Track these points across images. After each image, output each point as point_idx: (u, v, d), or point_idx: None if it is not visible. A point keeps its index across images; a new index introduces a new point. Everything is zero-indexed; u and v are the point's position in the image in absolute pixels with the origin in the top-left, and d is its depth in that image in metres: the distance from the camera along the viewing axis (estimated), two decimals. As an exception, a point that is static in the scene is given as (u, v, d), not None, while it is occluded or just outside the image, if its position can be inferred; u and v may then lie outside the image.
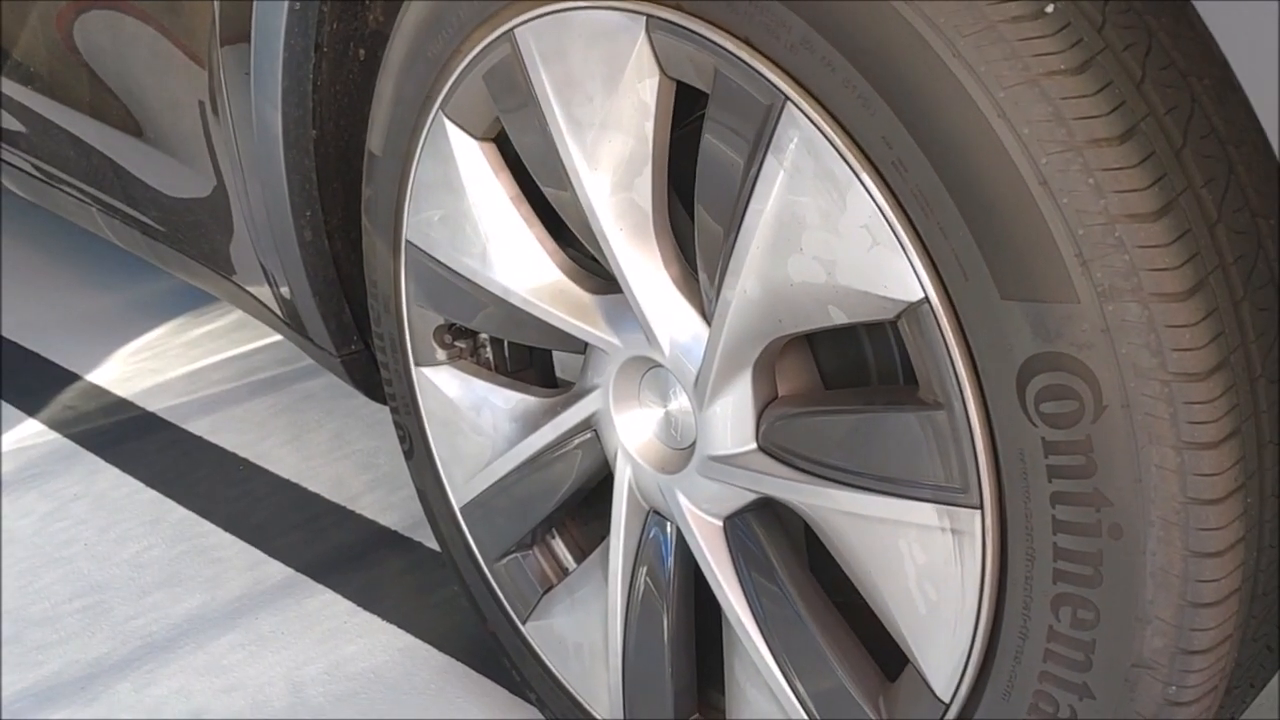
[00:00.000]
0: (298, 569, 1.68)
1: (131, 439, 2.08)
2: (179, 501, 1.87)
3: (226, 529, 1.79)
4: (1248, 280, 0.71)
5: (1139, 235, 0.67)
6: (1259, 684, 0.92)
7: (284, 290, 1.41)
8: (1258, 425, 0.72)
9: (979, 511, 0.77)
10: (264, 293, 1.49)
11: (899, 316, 0.78)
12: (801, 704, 0.96)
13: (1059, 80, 0.69)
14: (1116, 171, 0.68)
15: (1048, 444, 0.72)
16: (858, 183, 0.76)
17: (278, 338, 2.29)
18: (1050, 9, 0.69)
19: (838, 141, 0.77)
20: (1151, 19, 0.71)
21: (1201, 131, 0.71)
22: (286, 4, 1.20)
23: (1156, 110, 0.70)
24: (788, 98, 0.79)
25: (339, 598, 1.61)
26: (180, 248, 1.71)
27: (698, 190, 0.88)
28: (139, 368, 2.34)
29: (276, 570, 1.68)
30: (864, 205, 0.77)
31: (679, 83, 0.91)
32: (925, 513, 0.80)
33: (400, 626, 1.54)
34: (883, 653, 0.93)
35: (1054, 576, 0.75)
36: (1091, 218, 0.68)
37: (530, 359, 1.25)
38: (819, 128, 0.78)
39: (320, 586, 1.64)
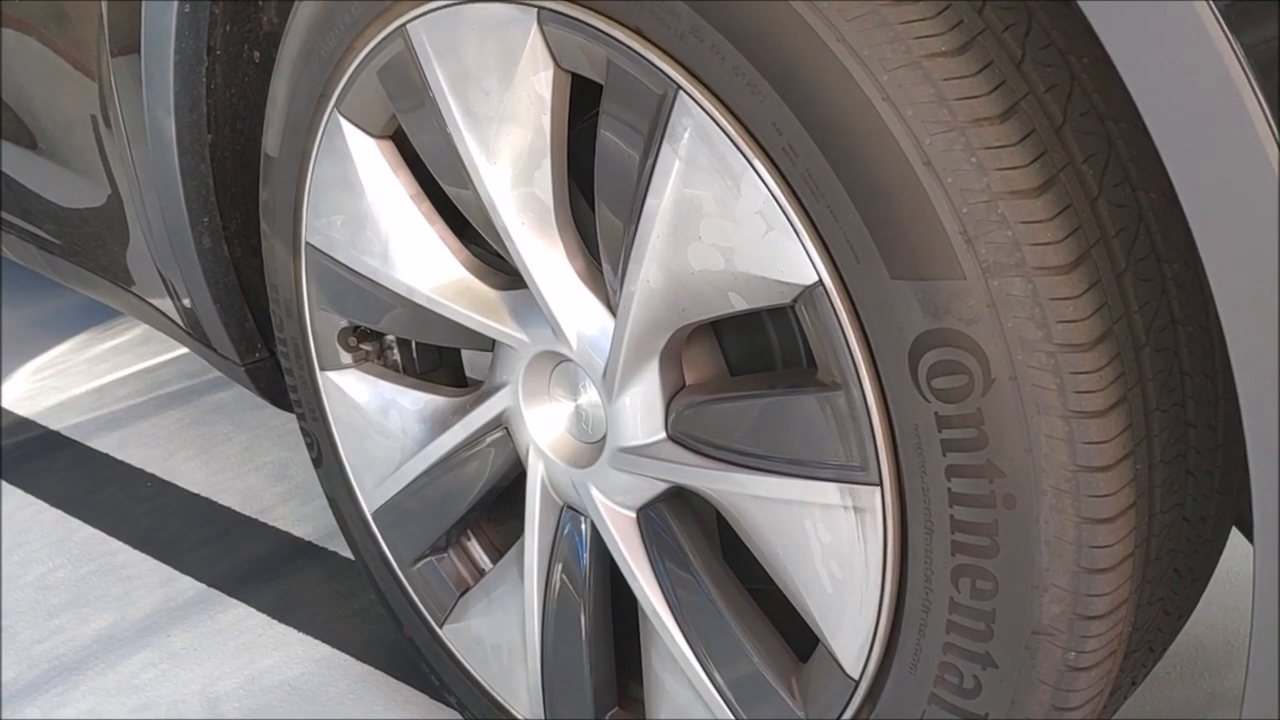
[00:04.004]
0: (210, 584, 1.65)
1: (35, 459, 2.02)
2: (85, 520, 1.83)
3: (135, 546, 1.75)
4: (1130, 252, 0.73)
5: (1021, 211, 0.69)
6: (1158, 648, 0.94)
7: (185, 300, 1.38)
8: (1144, 393, 0.74)
9: (878, 488, 0.78)
10: (165, 303, 1.46)
11: (796, 300, 0.79)
12: (718, 690, 0.96)
13: (941, 61, 0.70)
14: (998, 150, 0.69)
15: (941, 419, 0.73)
16: (750, 169, 0.77)
17: (184, 351, 2.25)
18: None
19: (729, 129, 0.77)
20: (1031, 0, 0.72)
21: (1081, 108, 0.73)
22: (176, 6, 1.18)
23: (1036, 89, 0.71)
24: (680, 86, 0.79)
25: (253, 611, 1.58)
26: (78, 261, 1.67)
27: (597, 181, 0.89)
28: (41, 386, 2.28)
29: (188, 586, 1.65)
30: (757, 191, 0.77)
31: (581, 76, 0.91)
32: (828, 492, 0.81)
33: (317, 637, 1.52)
34: (796, 637, 0.94)
35: (952, 548, 0.76)
36: (975, 195, 0.69)
37: (440, 359, 1.24)
38: (711, 115, 0.78)
39: (233, 601, 1.61)
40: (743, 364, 0.96)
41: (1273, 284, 0.58)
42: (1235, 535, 0.94)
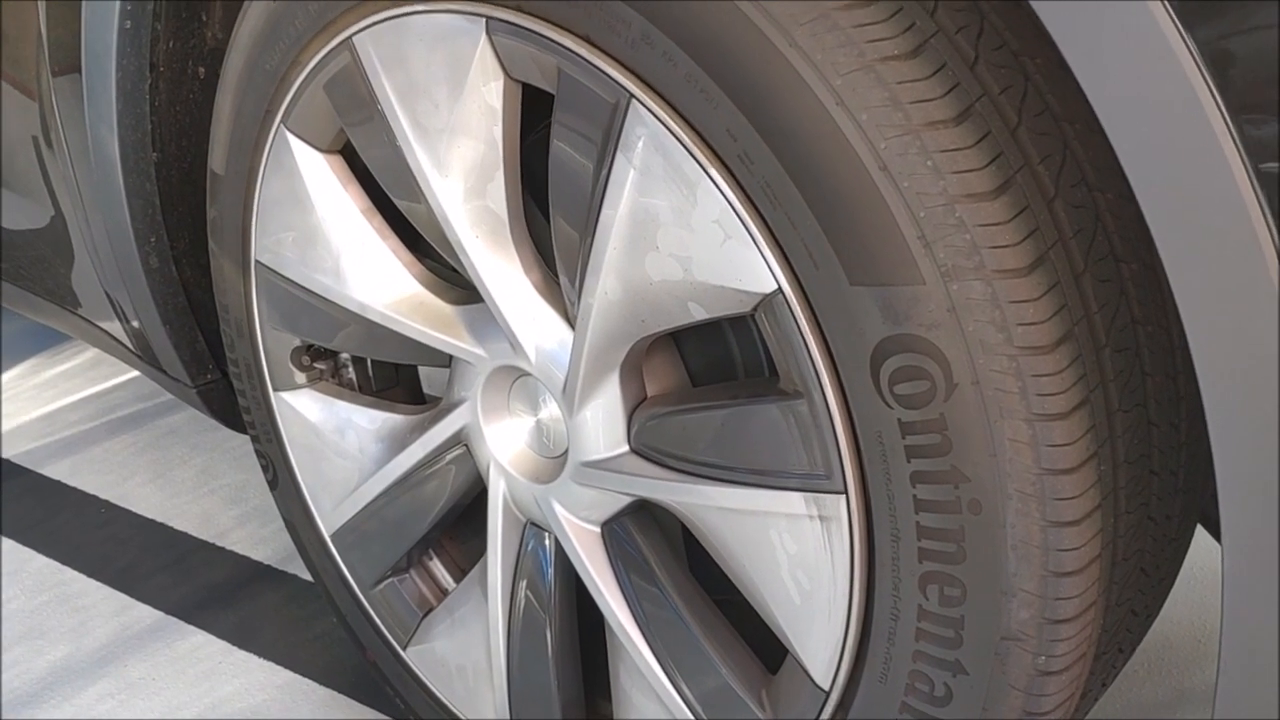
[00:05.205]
0: (167, 611, 1.62)
1: (-16, 488, 1.98)
2: (38, 550, 1.79)
3: (90, 575, 1.71)
4: (1088, 253, 0.73)
5: (979, 214, 0.68)
6: (1127, 648, 0.94)
7: (133, 321, 1.36)
8: (1106, 394, 0.74)
9: (843, 496, 0.77)
10: (113, 326, 1.43)
11: (755, 309, 0.78)
12: (686, 704, 0.95)
13: (894, 65, 0.69)
14: (954, 153, 0.68)
15: (904, 425, 0.72)
16: (706, 177, 0.76)
17: (136, 374, 2.21)
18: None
19: (684, 137, 0.76)
20: (983, 1, 0.72)
21: (1036, 110, 0.72)
22: (116, 22, 1.15)
23: (991, 91, 0.71)
24: (632, 95, 0.78)
25: (212, 638, 1.55)
26: (23, 284, 1.63)
27: (551, 192, 0.87)
28: (-11, 413, 2.23)
29: (144, 614, 1.62)
30: (714, 200, 0.76)
31: (532, 86, 0.89)
32: (793, 502, 0.80)
33: (278, 663, 1.49)
34: (765, 647, 0.93)
35: (919, 555, 0.75)
36: (932, 199, 0.68)
37: (396, 376, 1.23)
38: (665, 124, 0.77)
39: (191, 628, 1.58)
40: (704, 374, 0.95)
41: (1232, 280, 0.58)
42: (1199, 532, 0.94)
